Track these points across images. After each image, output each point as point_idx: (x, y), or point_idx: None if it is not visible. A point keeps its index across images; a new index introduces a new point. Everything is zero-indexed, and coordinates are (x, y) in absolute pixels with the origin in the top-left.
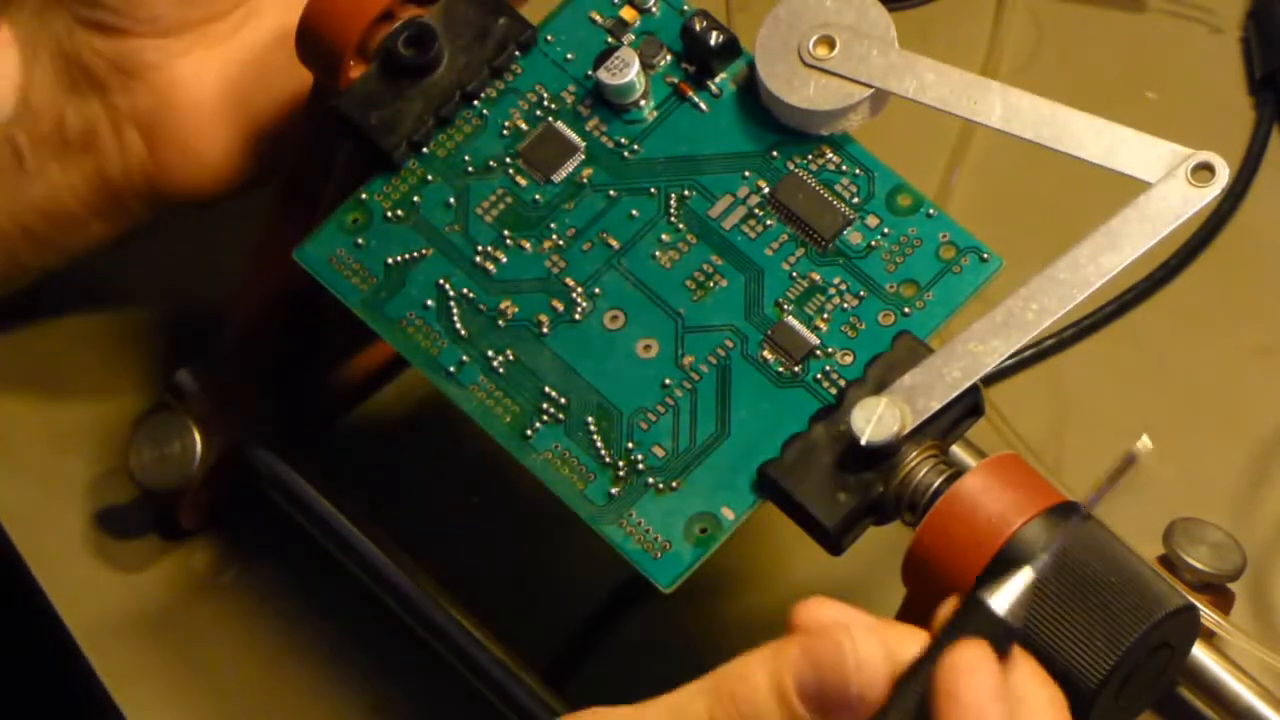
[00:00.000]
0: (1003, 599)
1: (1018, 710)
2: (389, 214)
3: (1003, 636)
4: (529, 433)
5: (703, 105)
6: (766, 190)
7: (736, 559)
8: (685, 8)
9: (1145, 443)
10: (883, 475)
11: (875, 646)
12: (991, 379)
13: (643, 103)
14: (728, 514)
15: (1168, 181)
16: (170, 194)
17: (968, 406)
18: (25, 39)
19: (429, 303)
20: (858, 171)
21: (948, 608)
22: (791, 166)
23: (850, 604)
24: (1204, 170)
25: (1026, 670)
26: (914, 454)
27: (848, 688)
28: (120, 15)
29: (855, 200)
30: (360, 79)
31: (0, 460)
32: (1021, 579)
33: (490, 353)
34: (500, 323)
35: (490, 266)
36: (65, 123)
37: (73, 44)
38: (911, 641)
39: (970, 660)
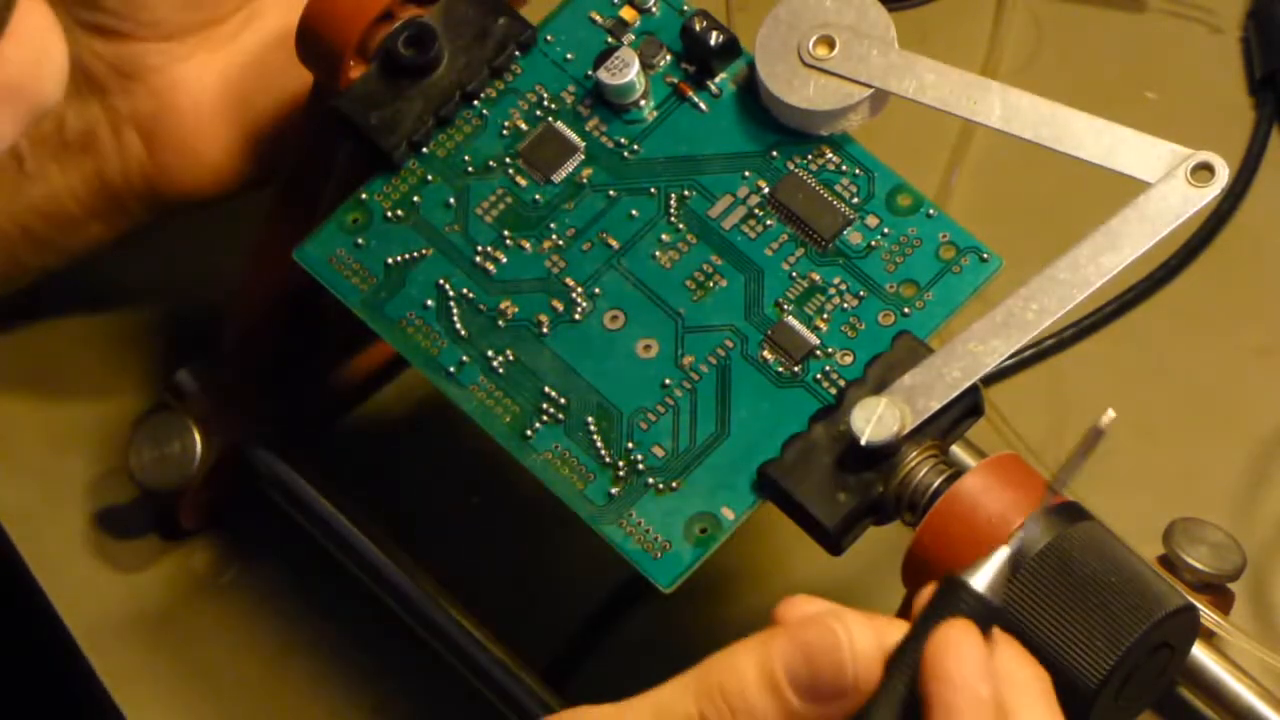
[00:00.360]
0: (982, 578)
1: (1003, 688)
2: (389, 214)
3: (984, 616)
4: (529, 433)
5: (703, 105)
6: (766, 190)
7: (736, 559)
8: (685, 8)
9: (1110, 415)
10: (883, 475)
11: (869, 633)
12: (991, 379)
13: (643, 103)
14: (728, 514)
15: (1167, 181)
16: (170, 195)
17: (968, 406)
18: None
19: (429, 303)
20: (858, 171)
21: (928, 591)
22: (791, 166)
23: (849, 604)
24: (1204, 170)
25: (1009, 649)
26: (914, 454)
27: (843, 675)
28: (121, 19)
29: (855, 200)
30: (360, 79)
31: (0, 460)
32: (998, 558)
33: (490, 353)
34: (500, 323)
35: (490, 266)
36: (65, 124)
37: (73, 46)
38: (898, 630)
39: (957, 638)
